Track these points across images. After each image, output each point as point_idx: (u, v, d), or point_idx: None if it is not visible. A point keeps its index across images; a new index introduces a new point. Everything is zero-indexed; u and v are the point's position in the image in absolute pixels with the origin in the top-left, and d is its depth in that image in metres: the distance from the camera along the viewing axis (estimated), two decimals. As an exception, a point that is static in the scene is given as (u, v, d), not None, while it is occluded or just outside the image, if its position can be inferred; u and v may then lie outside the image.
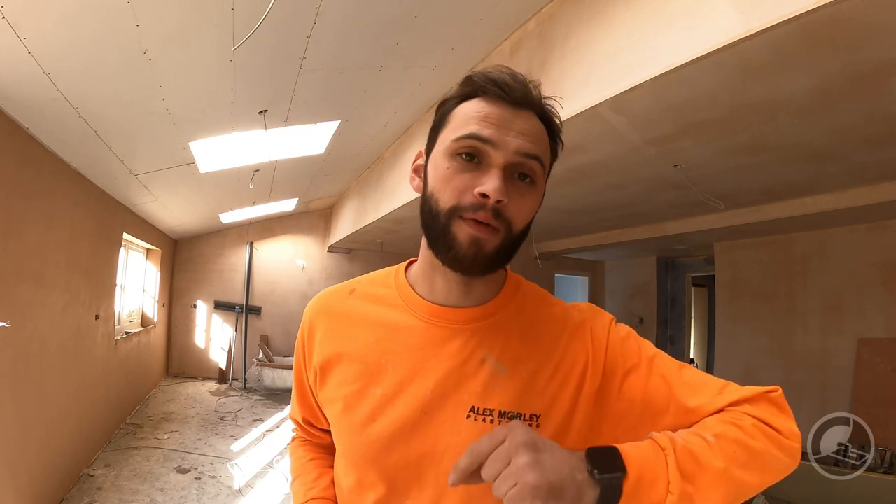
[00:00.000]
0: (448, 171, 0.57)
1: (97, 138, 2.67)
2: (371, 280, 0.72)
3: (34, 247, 2.56)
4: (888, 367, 3.88)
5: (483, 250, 0.56)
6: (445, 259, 0.58)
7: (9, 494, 2.32)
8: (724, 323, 5.33)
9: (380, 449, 0.60)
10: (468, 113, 0.58)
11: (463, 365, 0.61)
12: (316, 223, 7.43)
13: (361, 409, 0.62)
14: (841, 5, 1.23)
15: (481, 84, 0.58)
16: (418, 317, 0.64)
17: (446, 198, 0.56)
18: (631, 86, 1.75)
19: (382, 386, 0.61)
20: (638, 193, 3.63)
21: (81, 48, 1.89)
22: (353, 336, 0.66)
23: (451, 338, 0.62)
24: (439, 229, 0.57)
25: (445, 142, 0.58)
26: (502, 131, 0.56)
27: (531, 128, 0.58)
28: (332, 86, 2.80)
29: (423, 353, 0.62)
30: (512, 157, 0.55)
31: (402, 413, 0.60)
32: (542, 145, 0.59)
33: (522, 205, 0.57)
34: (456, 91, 0.61)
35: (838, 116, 2.06)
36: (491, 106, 0.57)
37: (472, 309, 0.64)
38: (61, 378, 2.97)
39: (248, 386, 6.55)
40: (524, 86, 0.58)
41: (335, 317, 0.69)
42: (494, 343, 0.62)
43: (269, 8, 1.75)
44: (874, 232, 4.11)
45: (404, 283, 0.68)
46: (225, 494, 3.24)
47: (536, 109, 0.59)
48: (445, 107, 0.61)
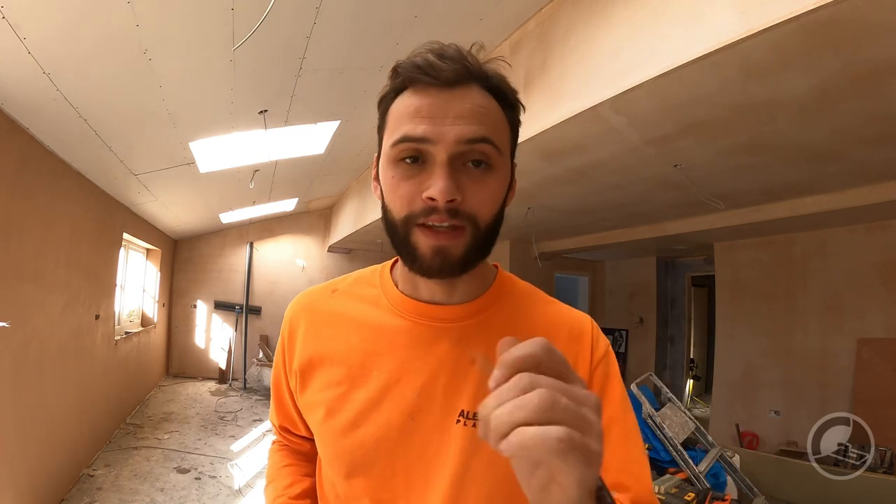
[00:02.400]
0: (394, 180, 0.53)
1: (97, 138, 2.67)
2: (356, 279, 0.68)
3: (34, 247, 2.56)
4: (888, 367, 3.88)
5: (450, 257, 0.52)
6: (412, 269, 0.55)
7: (9, 494, 2.32)
8: (724, 323, 5.33)
9: (364, 456, 0.57)
10: (400, 111, 0.53)
11: (452, 367, 0.58)
12: (316, 223, 7.43)
13: (345, 414, 0.58)
14: (841, 5, 1.23)
15: (408, 73, 0.52)
16: (404, 316, 0.60)
17: (398, 208, 0.53)
18: (631, 86, 1.75)
19: (367, 389, 0.58)
20: (638, 193, 3.63)
21: (82, 48, 1.89)
22: (336, 337, 0.62)
23: (438, 338, 0.59)
24: (399, 240, 0.54)
25: (386, 148, 0.54)
26: (437, 122, 0.50)
27: (471, 106, 0.51)
28: (332, 86, 2.80)
29: (409, 354, 0.58)
30: (454, 148, 0.50)
31: (387, 417, 0.56)
32: (490, 121, 0.52)
33: (482, 194, 0.52)
34: (388, 86, 0.55)
35: (838, 116, 2.06)
36: (421, 97, 0.51)
37: (459, 307, 0.60)
38: (61, 378, 2.97)
39: (248, 386, 6.55)
40: (456, 59, 0.51)
41: (317, 317, 0.65)
42: (485, 343, 0.58)
43: (269, 8, 1.75)
44: (874, 232, 4.11)
45: (389, 281, 0.64)
46: (225, 494, 3.24)
47: (479, 81, 0.53)
48: (382, 106, 0.56)
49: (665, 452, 2.96)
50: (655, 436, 3.01)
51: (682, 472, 2.77)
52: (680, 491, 2.43)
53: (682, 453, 2.81)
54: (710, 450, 3.07)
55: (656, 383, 3.51)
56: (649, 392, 3.29)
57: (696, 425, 3.17)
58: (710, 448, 3.10)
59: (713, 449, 3.07)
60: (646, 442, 3.01)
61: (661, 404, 3.25)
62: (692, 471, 2.72)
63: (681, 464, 2.79)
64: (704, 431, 3.19)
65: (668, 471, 2.82)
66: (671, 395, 3.33)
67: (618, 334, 7.77)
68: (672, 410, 3.16)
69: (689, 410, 3.43)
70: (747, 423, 4.80)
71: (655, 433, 2.99)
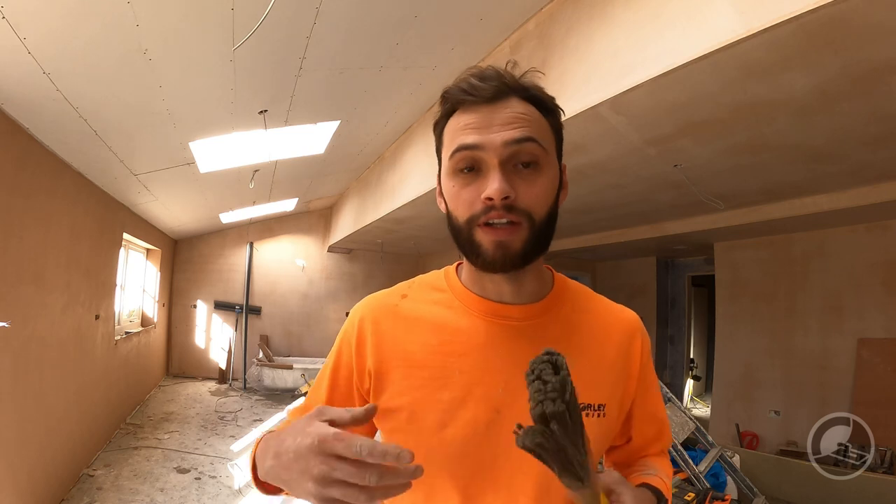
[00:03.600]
0: (454, 189, 0.59)
1: (97, 138, 2.67)
2: (422, 283, 0.71)
3: (34, 247, 2.56)
4: (888, 367, 3.88)
5: (510, 250, 0.56)
6: (478, 264, 0.59)
7: (9, 494, 2.32)
8: (724, 323, 5.32)
9: (452, 455, 0.59)
10: (453, 129, 0.59)
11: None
12: (316, 223, 7.43)
13: (431, 416, 0.60)
14: (841, 5, 1.23)
15: (455, 97, 0.59)
16: (479, 316, 0.64)
17: (461, 212, 0.58)
18: (631, 86, 1.75)
19: (450, 389, 0.60)
20: (638, 193, 3.63)
21: (81, 48, 1.89)
22: (413, 341, 0.64)
23: (515, 336, 0.62)
24: (464, 241, 0.59)
25: (445, 162, 0.61)
26: (484, 131, 0.56)
27: (514, 113, 0.57)
28: (332, 86, 2.80)
29: (488, 353, 0.62)
30: (503, 151, 0.56)
31: (474, 415, 0.59)
32: (533, 125, 0.58)
33: (534, 191, 0.57)
34: (440, 111, 0.62)
35: (838, 116, 2.06)
36: (470, 114, 0.58)
37: (529, 306, 0.64)
38: (61, 378, 2.97)
39: (248, 386, 6.55)
40: (495, 78, 0.58)
41: (390, 321, 0.66)
42: (557, 338, 0.63)
43: (269, 8, 1.75)
44: (874, 232, 4.11)
45: (458, 284, 0.68)
46: (225, 494, 3.24)
47: (517, 93, 0.59)
48: (437, 129, 0.64)
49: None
50: (655, 436, 3.00)
51: (682, 472, 2.77)
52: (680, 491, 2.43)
53: (682, 453, 2.80)
54: (710, 450, 3.07)
55: (656, 383, 3.50)
56: (649, 392, 3.28)
57: (696, 425, 3.16)
58: (710, 448, 3.09)
59: (713, 449, 3.07)
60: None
61: (661, 404, 3.25)
62: (692, 471, 2.72)
63: (681, 464, 2.79)
64: (704, 431, 3.19)
65: (668, 471, 2.82)
66: (671, 395, 3.33)
67: (618, 334, 7.77)
68: (672, 410, 3.16)
69: (688, 410, 3.43)
70: (747, 423, 4.80)
71: (655, 433, 2.98)
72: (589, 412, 0.61)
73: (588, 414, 0.61)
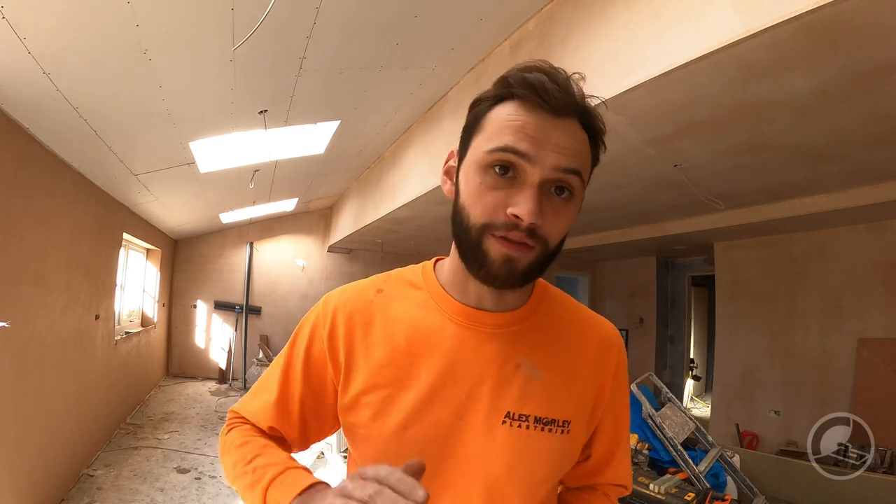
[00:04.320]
0: (481, 187, 0.54)
1: (97, 138, 2.67)
2: (399, 278, 0.68)
3: (34, 247, 2.56)
4: (888, 367, 3.88)
5: (516, 268, 0.54)
6: (477, 275, 0.56)
7: (9, 494, 2.32)
8: (724, 323, 5.33)
9: (412, 456, 0.57)
10: (503, 120, 0.54)
11: (499, 370, 0.60)
12: (316, 223, 7.43)
13: (394, 416, 0.59)
14: (841, 5, 1.23)
15: (519, 88, 0.53)
16: (452, 319, 0.62)
17: (477, 214, 0.54)
18: (631, 86, 1.75)
19: (415, 390, 0.59)
20: (638, 193, 3.63)
21: (81, 48, 1.88)
22: (384, 338, 0.62)
23: (485, 342, 0.61)
24: (470, 244, 0.55)
25: (478, 151, 0.55)
26: (539, 144, 0.52)
27: (571, 139, 0.53)
28: (332, 86, 2.80)
29: (456, 357, 0.60)
30: (549, 174, 0.52)
31: (436, 418, 0.58)
32: (582, 157, 0.55)
33: (558, 221, 0.54)
34: (490, 91, 0.57)
35: (838, 116, 2.06)
36: (528, 114, 0.53)
37: (506, 314, 0.62)
38: (61, 378, 2.97)
39: (248, 386, 6.54)
40: (565, 89, 0.53)
41: (363, 315, 0.64)
42: (529, 348, 0.62)
43: (269, 8, 1.75)
44: (874, 232, 4.11)
45: (436, 284, 0.65)
46: (225, 494, 3.24)
47: (580, 116, 0.55)
48: (479, 108, 0.57)
49: (665, 452, 2.96)
50: (655, 436, 3.00)
51: (682, 472, 2.77)
52: (680, 491, 2.43)
53: (682, 453, 2.81)
54: (710, 450, 3.07)
55: (656, 383, 3.51)
56: (649, 392, 3.29)
57: (696, 425, 3.16)
58: (710, 448, 3.09)
59: (713, 449, 3.07)
60: (646, 442, 3.01)
61: (661, 404, 3.25)
62: (692, 471, 2.72)
63: (681, 464, 2.79)
64: (704, 431, 3.19)
65: (668, 471, 2.82)
66: (671, 395, 3.33)
67: (618, 334, 7.77)
68: (672, 410, 3.16)
69: (688, 410, 3.43)
70: (747, 423, 4.81)
71: (655, 433, 2.99)
72: (553, 428, 0.60)
73: (552, 430, 0.60)
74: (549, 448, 0.60)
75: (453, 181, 0.60)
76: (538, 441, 0.59)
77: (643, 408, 3.02)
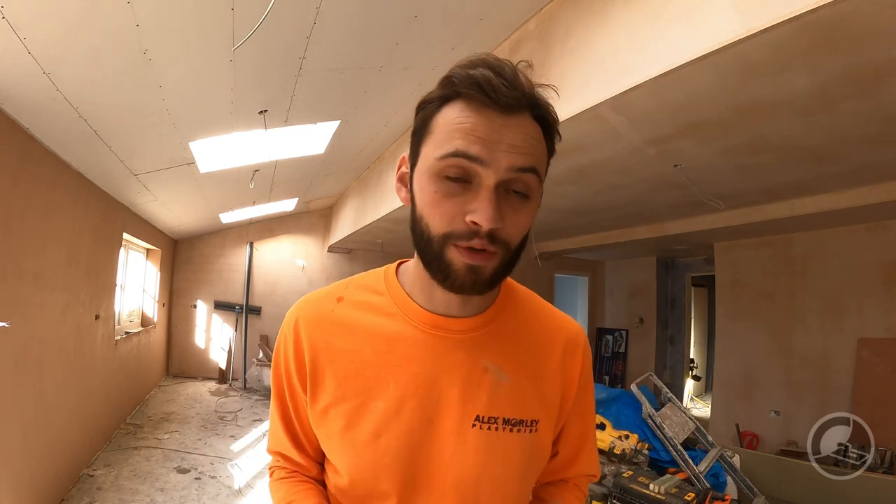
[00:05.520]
0: (436, 195, 0.52)
1: (97, 138, 2.67)
2: (360, 286, 0.67)
3: (34, 247, 2.56)
4: (888, 367, 3.88)
5: (482, 276, 0.53)
6: (443, 284, 0.55)
7: (9, 494, 2.32)
8: (725, 323, 5.33)
9: (388, 463, 0.59)
10: (451, 123, 0.51)
11: (467, 374, 0.61)
12: (316, 223, 7.43)
13: (365, 425, 0.59)
14: (841, 5, 1.23)
15: (464, 87, 0.51)
16: (418, 327, 0.62)
17: (437, 224, 0.52)
18: (631, 86, 1.75)
19: (385, 399, 0.59)
20: (638, 193, 3.63)
21: (81, 48, 1.88)
22: (348, 348, 0.62)
23: (452, 348, 0.61)
24: (433, 255, 0.54)
25: (429, 158, 0.53)
26: (491, 146, 0.50)
27: (524, 136, 0.51)
28: (332, 86, 2.80)
29: (424, 364, 0.61)
30: (504, 175, 0.50)
31: (408, 425, 0.59)
32: (537, 152, 0.53)
33: (518, 221, 0.53)
34: (436, 91, 0.54)
35: (839, 117, 2.06)
36: (476, 114, 0.51)
37: (472, 318, 0.63)
38: (61, 378, 2.97)
39: (248, 386, 6.55)
40: (513, 84, 0.51)
41: (326, 327, 0.63)
42: (495, 351, 0.63)
43: (269, 8, 1.75)
44: (874, 232, 4.11)
45: (399, 290, 0.64)
46: (225, 494, 3.24)
47: (531, 109, 0.53)
48: (426, 111, 0.55)
49: (665, 452, 2.96)
50: (655, 436, 3.00)
51: (682, 472, 2.77)
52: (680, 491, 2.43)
53: (682, 453, 2.81)
54: (710, 450, 3.07)
55: (656, 383, 3.51)
56: (649, 392, 3.29)
57: (696, 425, 3.16)
58: (710, 448, 3.09)
59: (713, 449, 3.07)
60: (646, 442, 3.01)
61: (661, 404, 3.25)
62: (692, 471, 2.72)
63: (681, 464, 2.79)
64: (704, 431, 3.19)
65: (668, 471, 2.82)
66: (671, 395, 3.33)
67: (618, 334, 7.77)
68: (672, 410, 3.16)
69: (688, 410, 3.43)
70: (747, 423, 4.81)
71: (655, 433, 2.98)
72: (521, 428, 0.61)
73: (521, 430, 0.61)
74: (519, 447, 0.61)
75: (408, 189, 0.59)
76: (507, 441, 0.61)
77: (643, 408, 3.02)
